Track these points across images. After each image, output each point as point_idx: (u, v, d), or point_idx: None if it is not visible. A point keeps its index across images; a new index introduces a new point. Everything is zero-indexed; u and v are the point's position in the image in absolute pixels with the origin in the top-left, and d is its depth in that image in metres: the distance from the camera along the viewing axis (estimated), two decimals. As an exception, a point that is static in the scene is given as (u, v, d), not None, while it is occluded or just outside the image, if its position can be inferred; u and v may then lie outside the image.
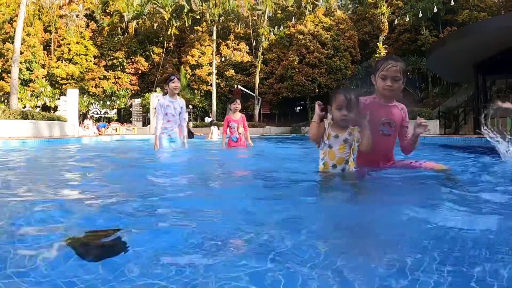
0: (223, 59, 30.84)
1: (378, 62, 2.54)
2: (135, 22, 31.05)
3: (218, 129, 14.36)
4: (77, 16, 32.09)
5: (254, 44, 30.33)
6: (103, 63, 32.17)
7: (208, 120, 25.88)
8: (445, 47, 13.55)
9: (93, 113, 29.29)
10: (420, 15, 24.44)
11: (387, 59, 2.47)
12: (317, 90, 27.47)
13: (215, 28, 28.46)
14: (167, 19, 29.29)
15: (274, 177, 2.91)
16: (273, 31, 28.68)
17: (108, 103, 31.00)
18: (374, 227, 1.48)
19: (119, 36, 32.82)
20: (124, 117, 31.77)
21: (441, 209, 1.59)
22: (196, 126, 22.53)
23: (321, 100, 2.49)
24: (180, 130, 5.29)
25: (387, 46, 28.93)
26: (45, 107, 29.54)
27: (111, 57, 32.12)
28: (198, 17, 29.79)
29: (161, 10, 29.10)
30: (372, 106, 2.51)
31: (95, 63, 31.74)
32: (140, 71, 32.98)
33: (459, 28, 21.61)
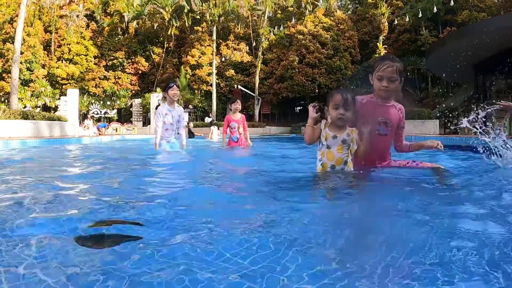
0: (223, 59, 30.83)
1: (375, 62, 2.51)
2: (135, 22, 31.09)
3: (218, 129, 14.35)
4: (77, 16, 32.09)
5: (254, 44, 30.34)
6: (103, 63, 32.18)
7: (208, 120, 25.86)
8: (444, 47, 13.58)
9: (93, 113, 29.29)
10: (420, 15, 24.44)
11: (383, 60, 2.43)
12: (317, 90, 27.48)
13: (215, 28, 28.47)
14: (167, 19, 29.31)
15: (274, 177, 2.91)
16: (273, 31, 28.67)
17: (108, 103, 31.01)
18: (374, 227, 1.49)
19: (119, 36, 32.85)
20: (124, 117, 31.78)
21: (437, 209, 1.61)
22: (196, 126, 22.52)
23: (320, 100, 2.49)
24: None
25: (387, 46, 28.97)
26: (45, 107, 29.54)
27: (111, 57, 32.13)
28: (198, 17, 29.81)
29: (161, 10, 29.11)
30: (369, 106, 2.49)
31: (95, 63, 31.74)
32: (140, 71, 32.99)
33: (458, 28, 21.62)
